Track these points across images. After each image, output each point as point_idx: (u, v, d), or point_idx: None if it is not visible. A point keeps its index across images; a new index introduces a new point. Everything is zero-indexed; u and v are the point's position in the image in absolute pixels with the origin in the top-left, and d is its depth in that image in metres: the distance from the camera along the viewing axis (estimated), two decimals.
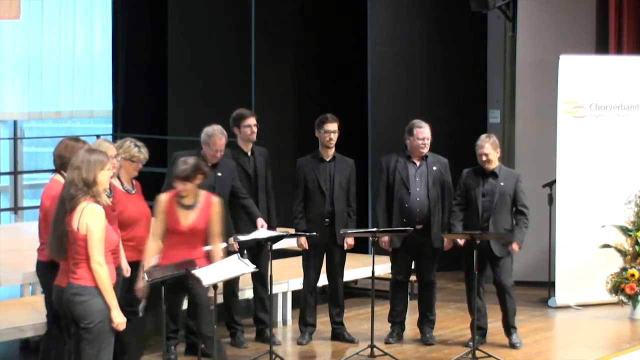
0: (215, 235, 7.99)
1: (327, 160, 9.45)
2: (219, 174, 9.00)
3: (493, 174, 9.29)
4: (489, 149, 9.22)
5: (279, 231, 9.15)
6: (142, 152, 8.17)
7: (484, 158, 9.24)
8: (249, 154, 9.38)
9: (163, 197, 8.02)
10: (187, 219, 7.92)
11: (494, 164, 9.28)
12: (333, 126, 9.37)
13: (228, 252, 9.02)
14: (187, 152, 9.10)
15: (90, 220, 6.53)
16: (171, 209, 7.95)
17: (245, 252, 9.21)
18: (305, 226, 9.35)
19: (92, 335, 6.51)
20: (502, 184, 9.25)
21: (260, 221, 9.04)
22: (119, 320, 6.57)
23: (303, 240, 9.33)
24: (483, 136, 9.37)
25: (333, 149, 9.46)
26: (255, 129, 9.33)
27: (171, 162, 9.08)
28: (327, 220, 9.39)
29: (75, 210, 6.57)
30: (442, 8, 12.77)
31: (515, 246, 9.27)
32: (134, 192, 8.20)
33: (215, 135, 8.97)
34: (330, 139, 9.37)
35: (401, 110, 11.88)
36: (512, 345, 9.39)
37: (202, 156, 8.90)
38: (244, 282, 9.48)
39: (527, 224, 9.31)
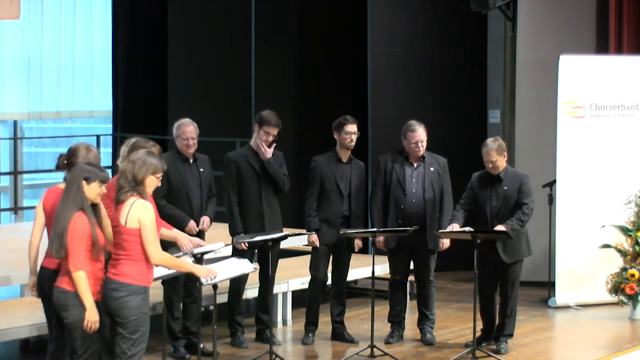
0: None
1: (345, 161, 9.42)
2: (201, 169, 8.98)
3: (498, 179, 9.12)
4: (494, 155, 9.00)
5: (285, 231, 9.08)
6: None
7: (490, 165, 9.06)
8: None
9: None
10: None
11: (500, 168, 9.10)
12: (353, 127, 9.34)
13: (234, 251, 9.04)
14: (167, 154, 9.05)
15: (142, 214, 6.65)
16: None
17: (256, 252, 9.18)
18: (319, 225, 9.30)
19: (126, 331, 6.66)
20: (505, 188, 9.07)
21: (192, 223, 8.79)
22: None
23: (314, 237, 9.28)
24: (489, 141, 9.13)
25: (350, 151, 9.44)
26: (270, 139, 9.08)
27: None
28: (342, 220, 9.36)
29: (124, 204, 6.67)
30: (442, 8, 12.76)
31: (498, 226, 8.96)
32: None
33: (183, 123, 8.96)
34: (352, 140, 9.33)
35: (401, 110, 11.86)
36: (498, 351, 9.23)
37: (179, 154, 8.90)
38: (248, 282, 9.46)
39: (522, 219, 9.00)
